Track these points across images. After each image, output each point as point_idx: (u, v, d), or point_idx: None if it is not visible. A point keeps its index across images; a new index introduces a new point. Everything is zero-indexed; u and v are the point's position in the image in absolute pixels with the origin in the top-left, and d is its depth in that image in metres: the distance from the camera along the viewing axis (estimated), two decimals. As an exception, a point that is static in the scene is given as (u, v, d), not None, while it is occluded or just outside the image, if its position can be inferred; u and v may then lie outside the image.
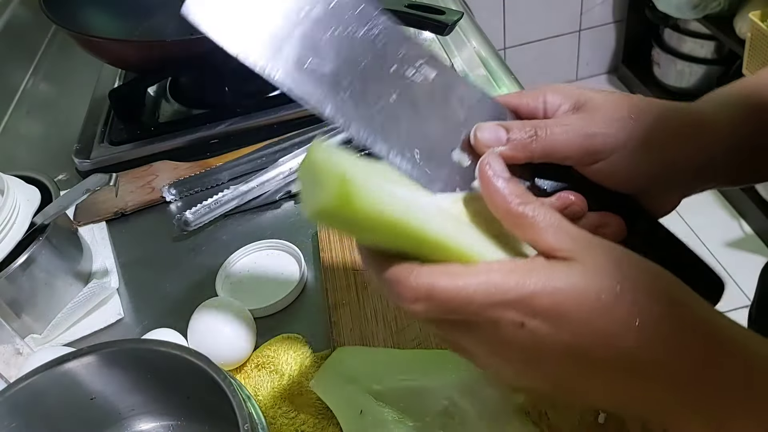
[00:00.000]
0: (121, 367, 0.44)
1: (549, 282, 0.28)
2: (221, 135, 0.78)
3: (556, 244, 0.29)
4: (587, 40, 2.39)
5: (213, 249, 0.64)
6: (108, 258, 0.65)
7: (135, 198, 0.71)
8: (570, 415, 0.42)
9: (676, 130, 0.37)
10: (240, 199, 0.67)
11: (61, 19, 0.77)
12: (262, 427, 0.40)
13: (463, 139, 0.35)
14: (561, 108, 0.37)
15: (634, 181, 0.37)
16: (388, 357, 0.45)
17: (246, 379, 0.51)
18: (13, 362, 0.53)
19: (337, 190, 0.26)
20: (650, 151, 0.36)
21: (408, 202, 0.28)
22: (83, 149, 0.78)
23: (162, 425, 0.47)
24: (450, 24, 0.70)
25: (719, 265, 1.71)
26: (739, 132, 0.38)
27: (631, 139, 0.35)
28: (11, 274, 0.54)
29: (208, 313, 0.52)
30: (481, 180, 0.31)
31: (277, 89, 0.82)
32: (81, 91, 0.91)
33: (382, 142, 0.32)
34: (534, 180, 0.37)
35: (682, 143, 0.37)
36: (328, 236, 0.60)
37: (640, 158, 0.36)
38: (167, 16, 0.91)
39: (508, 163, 0.33)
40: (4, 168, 0.61)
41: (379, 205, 0.27)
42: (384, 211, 0.27)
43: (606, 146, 0.35)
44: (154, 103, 0.87)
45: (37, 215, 0.57)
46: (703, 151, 0.37)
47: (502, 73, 0.79)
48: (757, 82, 0.41)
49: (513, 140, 0.35)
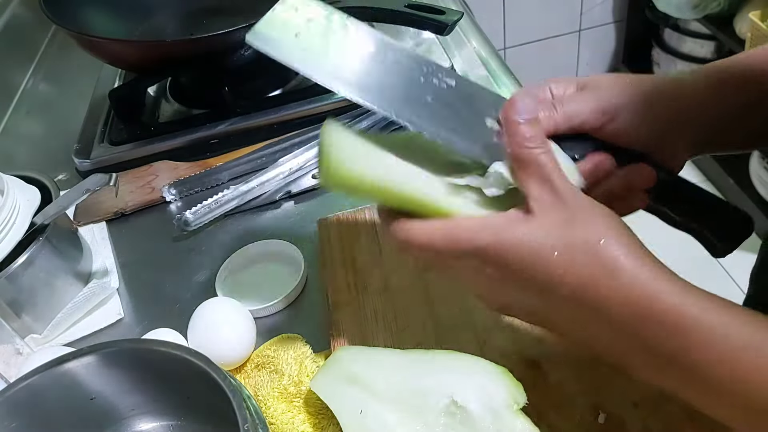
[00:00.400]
0: (121, 367, 0.44)
1: (498, 236, 0.35)
2: (221, 135, 0.78)
3: (535, 192, 0.36)
4: (587, 40, 2.39)
5: (213, 249, 0.64)
6: (108, 258, 0.65)
7: (135, 198, 0.71)
8: (570, 415, 0.42)
9: (662, 88, 0.43)
10: (240, 199, 0.67)
11: (61, 19, 0.77)
12: (262, 427, 0.40)
13: (490, 127, 0.40)
14: (567, 92, 0.43)
15: (643, 137, 0.41)
16: (388, 357, 0.45)
17: (246, 379, 0.51)
18: (13, 362, 0.53)
19: (326, 163, 0.38)
20: (649, 107, 0.41)
21: (388, 168, 0.38)
22: (83, 149, 0.78)
23: (162, 425, 0.47)
24: (450, 24, 0.70)
25: (719, 265, 1.71)
26: (716, 93, 0.43)
27: (632, 100, 0.41)
28: (11, 274, 0.54)
29: (208, 313, 0.52)
30: (505, 119, 0.38)
31: (277, 89, 0.82)
32: (81, 91, 0.91)
33: (430, 127, 0.39)
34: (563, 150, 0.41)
35: (669, 99, 0.42)
36: (328, 236, 0.60)
37: (643, 115, 0.41)
38: (167, 16, 0.91)
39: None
40: (4, 168, 0.61)
41: (359, 173, 0.38)
42: (365, 177, 0.38)
43: (613, 106, 0.41)
44: (154, 103, 0.87)
45: (37, 215, 0.57)
46: (686, 109, 0.42)
47: (502, 73, 0.79)
48: (738, 58, 0.46)
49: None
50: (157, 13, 0.91)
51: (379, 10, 0.74)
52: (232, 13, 0.89)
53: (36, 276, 0.56)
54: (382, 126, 0.71)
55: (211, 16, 0.91)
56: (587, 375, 0.44)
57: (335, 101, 0.77)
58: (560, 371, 0.44)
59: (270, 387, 0.48)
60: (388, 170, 0.38)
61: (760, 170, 1.75)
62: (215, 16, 0.91)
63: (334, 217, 0.61)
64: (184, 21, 0.91)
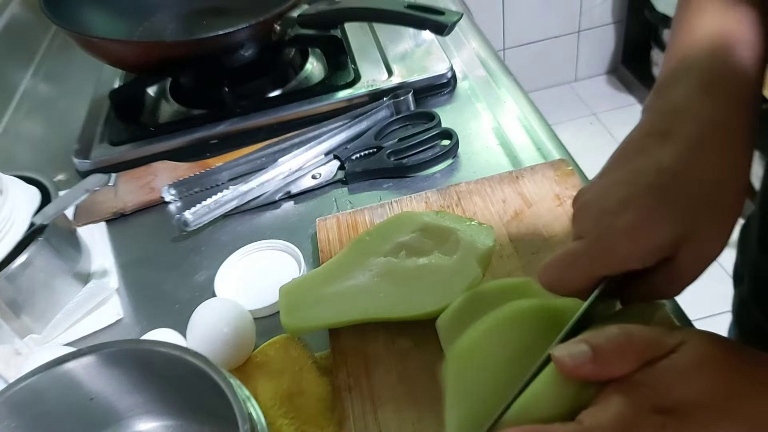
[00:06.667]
0: (121, 367, 0.44)
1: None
2: (221, 135, 0.78)
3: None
4: (586, 40, 2.39)
5: (213, 249, 0.64)
6: (107, 258, 0.65)
7: (134, 198, 0.71)
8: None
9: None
10: (240, 199, 0.67)
11: (61, 19, 0.77)
12: (262, 427, 0.40)
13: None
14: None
15: None
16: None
17: (246, 379, 0.51)
18: (13, 362, 0.53)
19: (284, 323, 0.49)
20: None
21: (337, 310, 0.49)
22: (83, 149, 0.78)
23: (162, 425, 0.47)
24: (449, 25, 0.70)
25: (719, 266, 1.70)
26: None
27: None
28: (10, 274, 0.54)
29: (208, 313, 0.52)
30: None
31: (277, 89, 0.82)
32: (81, 91, 0.91)
33: None
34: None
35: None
36: (327, 236, 0.60)
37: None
38: (167, 16, 0.91)
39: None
40: (4, 168, 0.61)
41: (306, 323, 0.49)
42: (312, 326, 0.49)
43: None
44: (154, 104, 0.87)
45: (37, 215, 0.57)
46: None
47: (501, 74, 0.80)
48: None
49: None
50: (157, 14, 0.91)
51: (379, 11, 0.74)
52: (232, 14, 0.89)
53: (35, 276, 0.56)
54: (382, 126, 0.71)
55: (211, 16, 0.91)
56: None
57: (335, 101, 0.77)
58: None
59: (270, 387, 0.48)
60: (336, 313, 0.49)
61: (760, 170, 1.75)
62: (215, 17, 0.91)
63: (334, 217, 0.61)
64: (184, 21, 0.91)
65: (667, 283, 0.36)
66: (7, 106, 0.95)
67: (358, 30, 0.90)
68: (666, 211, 0.34)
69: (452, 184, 0.61)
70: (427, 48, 0.83)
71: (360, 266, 0.52)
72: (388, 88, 0.76)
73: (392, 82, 0.78)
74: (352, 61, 0.84)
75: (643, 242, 0.34)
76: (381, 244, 0.53)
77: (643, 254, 0.35)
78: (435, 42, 0.84)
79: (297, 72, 0.86)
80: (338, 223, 0.60)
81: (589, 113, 2.40)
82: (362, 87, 0.78)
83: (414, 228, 0.54)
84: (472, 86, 0.78)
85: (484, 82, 0.79)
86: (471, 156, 0.68)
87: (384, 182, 0.67)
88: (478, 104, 0.75)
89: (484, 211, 0.58)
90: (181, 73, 0.86)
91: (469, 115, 0.74)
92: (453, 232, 0.52)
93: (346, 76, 0.81)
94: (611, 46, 2.43)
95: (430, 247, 0.52)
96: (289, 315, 0.50)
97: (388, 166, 0.67)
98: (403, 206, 0.60)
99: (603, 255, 0.35)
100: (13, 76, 1.01)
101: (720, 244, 0.36)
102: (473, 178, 0.63)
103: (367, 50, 0.85)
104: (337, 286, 0.51)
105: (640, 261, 0.35)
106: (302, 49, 0.89)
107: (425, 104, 0.77)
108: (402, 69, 0.80)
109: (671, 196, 0.35)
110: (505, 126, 0.71)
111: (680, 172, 0.35)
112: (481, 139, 0.70)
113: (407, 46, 0.84)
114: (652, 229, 0.34)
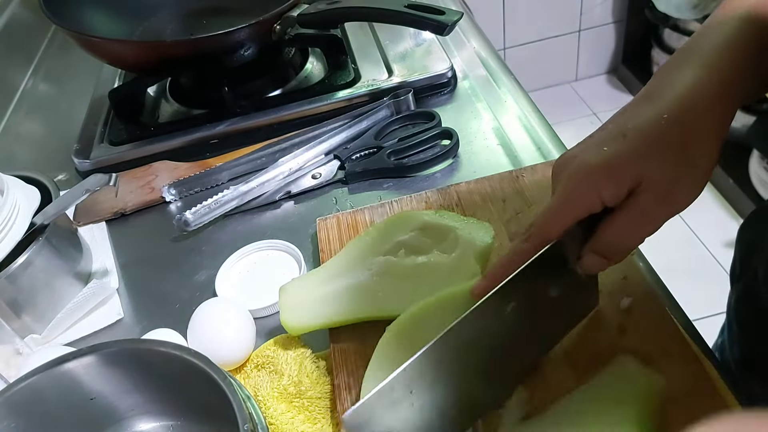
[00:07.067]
0: (121, 367, 0.44)
1: None
2: (221, 135, 0.78)
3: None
4: (587, 40, 2.39)
5: (213, 249, 0.64)
6: (108, 258, 0.65)
7: (135, 198, 0.71)
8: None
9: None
10: (240, 199, 0.67)
11: (61, 19, 0.77)
12: (262, 427, 0.40)
13: None
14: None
15: None
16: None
17: (246, 379, 0.51)
18: (13, 362, 0.53)
19: (284, 322, 0.50)
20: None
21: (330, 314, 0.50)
22: (83, 149, 0.78)
23: (162, 425, 0.47)
24: (450, 24, 0.70)
25: (719, 265, 1.71)
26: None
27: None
28: (11, 274, 0.54)
29: (208, 313, 0.52)
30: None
31: (277, 89, 0.82)
32: (81, 91, 0.91)
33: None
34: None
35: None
36: (327, 236, 0.60)
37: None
38: (167, 16, 0.91)
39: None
40: (4, 168, 0.61)
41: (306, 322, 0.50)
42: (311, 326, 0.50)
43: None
44: (154, 103, 0.87)
45: (37, 215, 0.57)
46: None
47: (501, 74, 0.79)
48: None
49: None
50: (157, 13, 0.91)
51: (379, 10, 0.74)
52: (232, 13, 0.89)
53: (36, 276, 0.56)
54: (382, 126, 0.71)
55: (211, 16, 0.91)
56: (587, 375, 0.44)
57: (335, 101, 0.77)
58: (560, 371, 0.44)
59: (270, 387, 0.48)
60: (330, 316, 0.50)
61: (760, 170, 1.75)
62: (215, 16, 0.91)
63: (334, 217, 0.61)
64: (184, 21, 0.91)
65: (630, 226, 0.39)
66: (6, 106, 0.95)
67: (358, 29, 0.90)
68: (629, 147, 0.38)
69: (452, 184, 0.61)
70: (427, 47, 0.83)
71: (360, 265, 0.52)
72: (388, 88, 0.76)
73: (392, 81, 0.78)
74: (352, 61, 0.84)
75: (603, 175, 0.38)
76: (380, 244, 0.53)
77: (606, 189, 0.38)
78: (435, 41, 0.84)
79: (297, 72, 0.86)
80: (338, 223, 0.60)
81: (589, 113, 2.40)
82: (362, 87, 0.78)
83: (413, 227, 0.54)
84: (472, 86, 0.78)
85: (485, 81, 0.79)
86: (471, 156, 0.68)
87: (384, 182, 0.67)
88: (479, 104, 0.75)
89: (484, 211, 0.58)
90: (181, 73, 0.86)
91: (470, 115, 0.74)
92: (452, 230, 0.52)
93: (346, 75, 0.81)
94: (612, 46, 2.43)
95: (429, 245, 0.53)
96: (289, 315, 0.50)
97: (388, 165, 0.67)
98: (403, 206, 0.60)
99: (571, 197, 0.39)
100: (13, 76, 1.01)
101: (686, 192, 0.38)
102: (473, 177, 0.63)
103: (367, 50, 0.85)
104: (337, 286, 0.51)
105: (601, 197, 0.39)
106: (302, 49, 0.89)
107: (425, 104, 0.77)
108: (402, 68, 0.80)
109: (639, 139, 0.39)
110: (505, 125, 0.71)
111: (653, 121, 0.39)
112: (481, 138, 0.70)
113: (407, 45, 0.84)
114: (616, 164, 0.38)
